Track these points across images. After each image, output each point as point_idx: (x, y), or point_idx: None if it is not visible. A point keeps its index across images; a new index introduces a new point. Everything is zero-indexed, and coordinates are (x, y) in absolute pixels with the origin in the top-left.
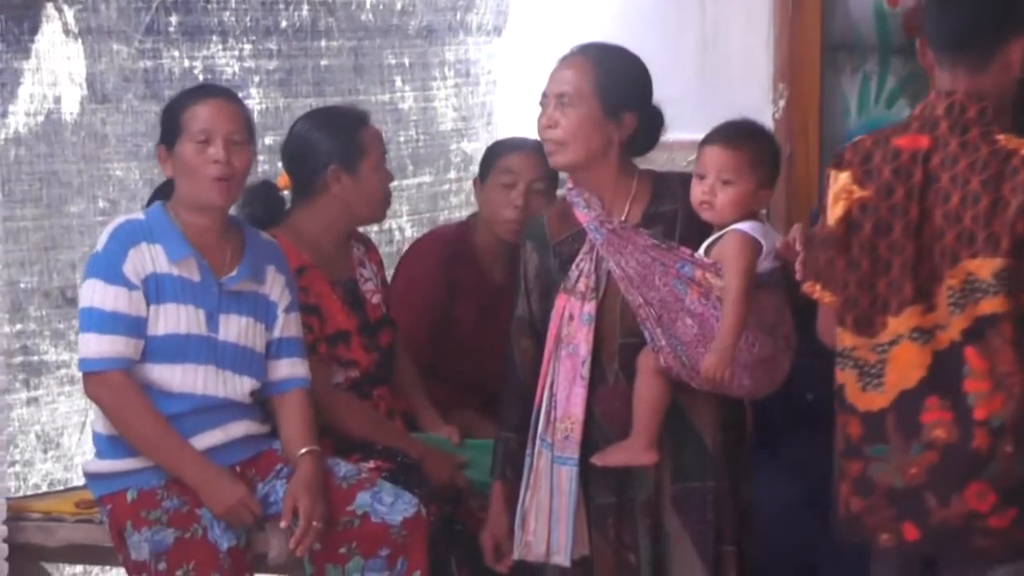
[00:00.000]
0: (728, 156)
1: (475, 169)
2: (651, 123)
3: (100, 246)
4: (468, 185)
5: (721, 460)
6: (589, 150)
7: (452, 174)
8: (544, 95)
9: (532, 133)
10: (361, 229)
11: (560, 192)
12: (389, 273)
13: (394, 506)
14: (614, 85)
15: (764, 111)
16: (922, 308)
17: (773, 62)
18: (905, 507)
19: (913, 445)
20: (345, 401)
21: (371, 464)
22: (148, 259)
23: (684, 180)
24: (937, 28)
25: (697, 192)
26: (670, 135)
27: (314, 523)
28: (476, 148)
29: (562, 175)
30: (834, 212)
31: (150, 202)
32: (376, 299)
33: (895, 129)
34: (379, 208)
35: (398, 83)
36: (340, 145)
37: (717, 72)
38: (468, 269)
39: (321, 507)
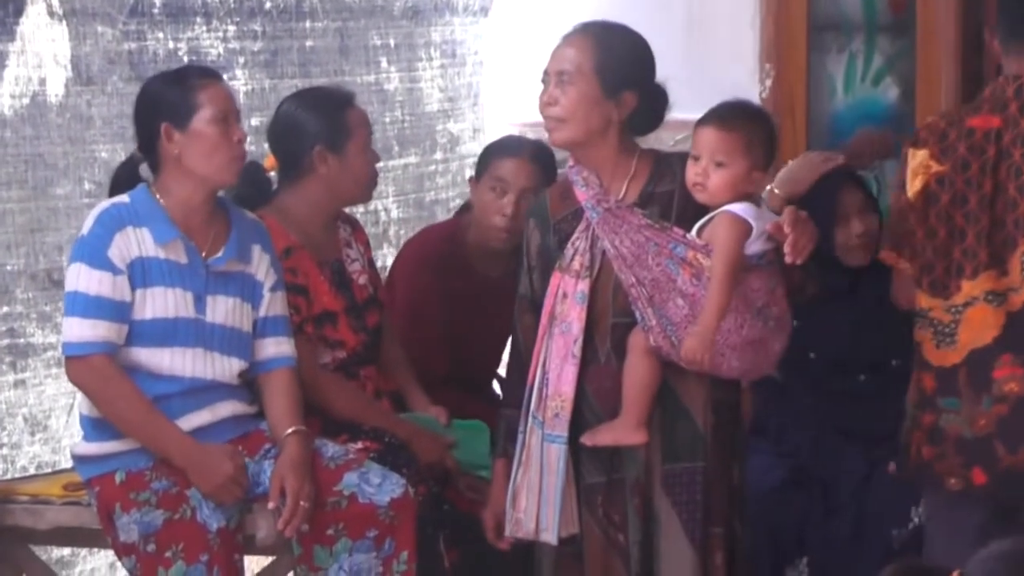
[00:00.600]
0: (722, 138)
1: (461, 150)
2: (653, 103)
3: (85, 230)
4: (455, 166)
5: (712, 441)
6: (588, 128)
7: (438, 155)
8: (545, 72)
9: (517, 114)
10: (347, 210)
11: (561, 171)
12: (376, 254)
13: (381, 487)
14: (614, 64)
15: (751, 91)
16: (996, 273)
17: (760, 42)
18: (974, 455)
19: (984, 399)
20: (332, 381)
21: (359, 445)
22: (134, 243)
23: (684, 160)
24: (1005, 18)
25: (691, 173)
26: None
27: (302, 503)
28: (462, 128)
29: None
30: (913, 186)
31: (112, 187)
32: (363, 280)
33: (967, 111)
34: (365, 188)
35: (384, 64)
36: (326, 126)
37: (704, 52)
38: (462, 272)
39: (308, 487)
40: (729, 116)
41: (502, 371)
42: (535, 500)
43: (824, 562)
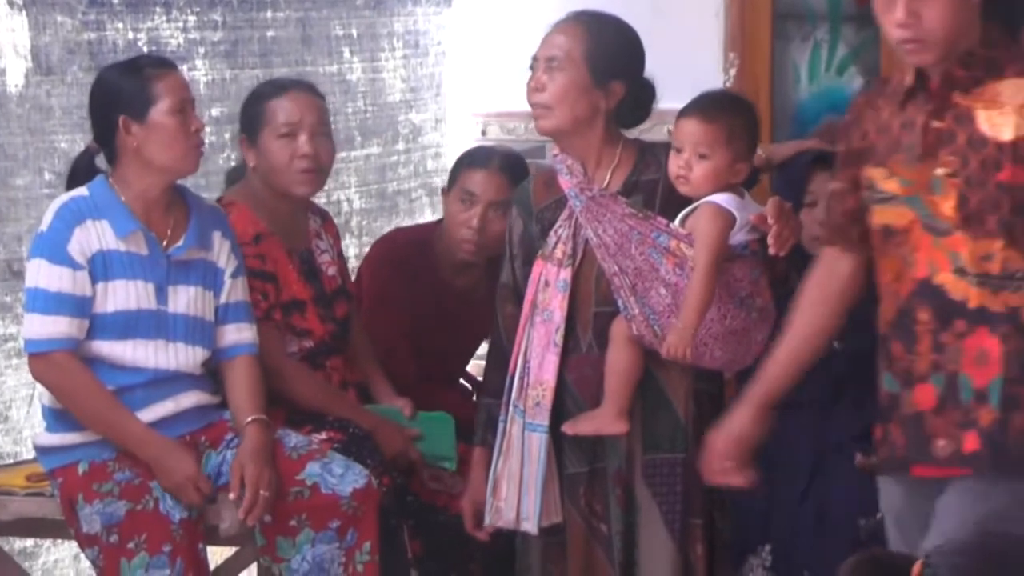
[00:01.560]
0: (704, 129)
1: (423, 140)
2: (640, 95)
3: (45, 225)
4: (416, 156)
5: (693, 432)
6: (574, 116)
7: (400, 145)
8: (534, 58)
9: (479, 105)
10: (315, 200)
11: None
12: (343, 244)
13: (344, 477)
14: (604, 53)
15: (715, 80)
16: None
17: (724, 31)
18: None
19: None
20: (298, 370)
21: (323, 435)
22: (95, 237)
23: (668, 149)
24: None
25: (673, 166)
26: None
27: (262, 492)
28: (424, 119)
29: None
30: None
31: (70, 178)
32: (332, 271)
33: None
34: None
35: (346, 54)
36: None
37: (668, 42)
38: (428, 279)
39: (269, 475)
40: (711, 107)
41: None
42: (516, 489)
43: (787, 550)
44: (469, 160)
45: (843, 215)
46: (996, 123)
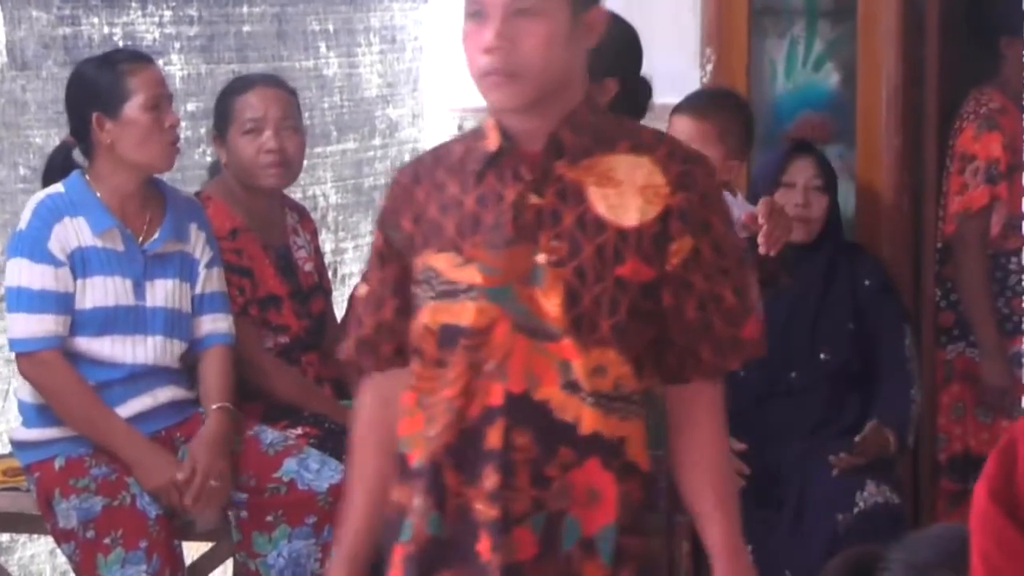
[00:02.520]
0: (695, 126)
1: (400, 135)
2: (635, 93)
3: (23, 224)
4: (393, 151)
5: None
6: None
7: (377, 140)
8: None
9: (456, 100)
10: (290, 194)
11: None
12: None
13: (320, 473)
14: (599, 50)
15: (692, 76)
16: None
17: (700, 27)
18: None
19: None
20: (275, 365)
21: (299, 431)
22: (72, 233)
23: None
24: None
25: None
26: None
27: (211, 481)
28: (401, 114)
29: None
30: None
31: (46, 174)
32: (308, 267)
33: None
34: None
35: (322, 49)
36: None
37: (644, 38)
38: None
39: (221, 466)
40: (703, 105)
41: None
42: None
43: (768, 549)
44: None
45: (375, 327)
46: (614, 204)
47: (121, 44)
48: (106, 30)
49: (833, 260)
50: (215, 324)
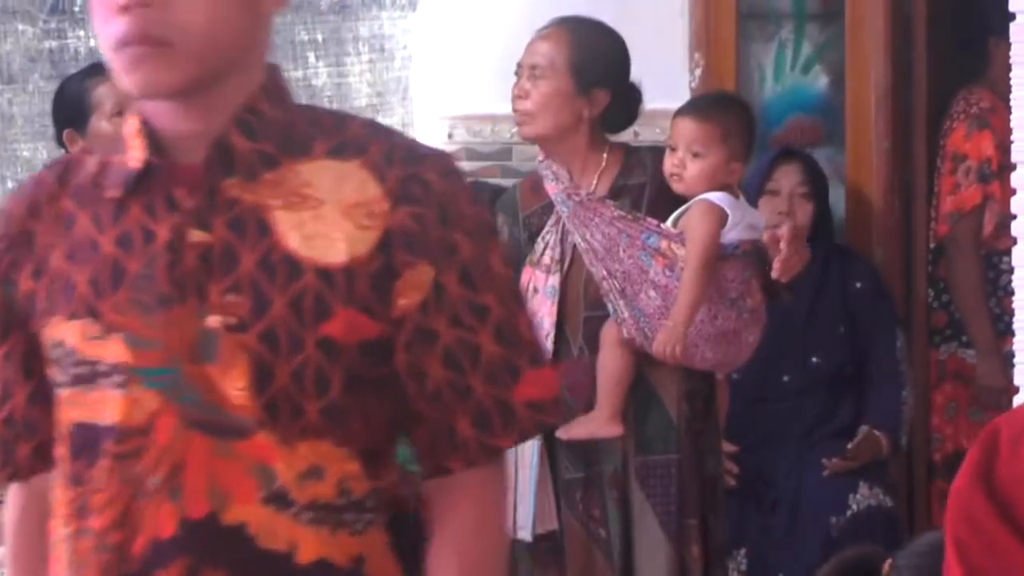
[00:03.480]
0: (698, 128)
1: None
2: (626, 101)
3: None
4: None
5: (685, 432)
6: (558, 123)
7: None
8: (519, 65)
9: (446, 108)
10: None
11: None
12: None
13: None
14: (588, 61)
15: (680, 80)
16: None
17: (688, 31)
18: None
19: None
20: None
21: None
22: None
23: (655, 153)
24: None
25: (668, 164)
26: None
27: None
28: (391, 123)
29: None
30: None
31: None
32: None
33: None
34: None
35: (311, 59)
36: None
37: (632, 43)
38: None
39: None
40: (706, 106)
41: None
42: (511, 498)
43: (762, 552)
44: None
45: (3, 423)
46: (313, 234)
47: None
48: (92, 43)
49: (824, 265)
50: None
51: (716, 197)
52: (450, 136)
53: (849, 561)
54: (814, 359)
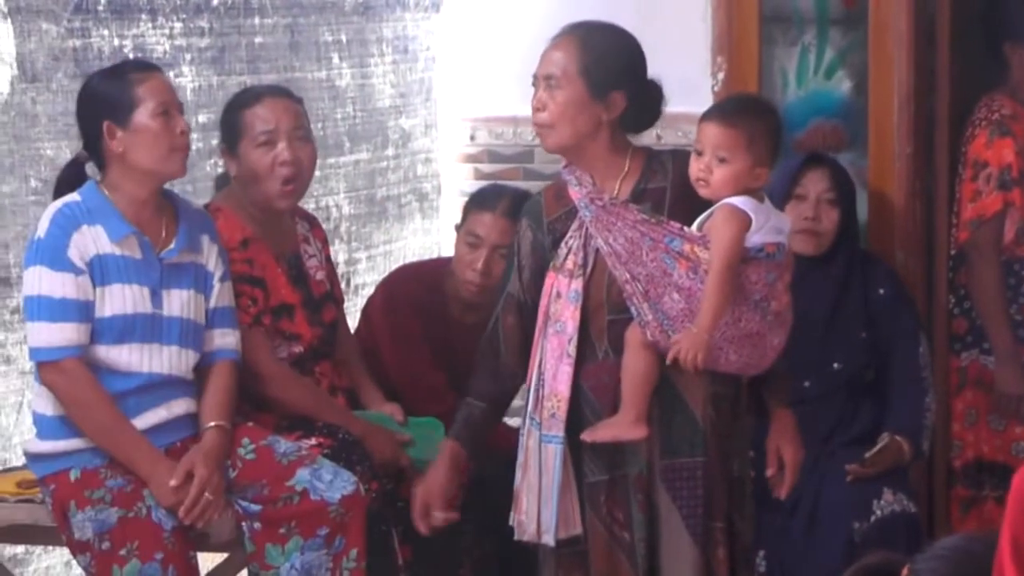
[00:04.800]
0: (724, 133)
1: (413, 145)
2: (645, 100)
3: (42, 232)
4: (406, 162)
5: (711, 434)
6: (576, 132)
7: (390, 151)
8: (535, 76)
9: (469, 110)
10: (303, 205)
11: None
12: (332, 249)
13: (333, 484)
14: (600, 65)
15: (703, 85)
16: None
17: (711, 35)
18: None
19: None
20: (288, 375)
21: (312, 441)
22: (91, 241)
23: (676, 157)
24: None
25: (694, 168)
26: None
27: (207, 494)
28: (414, 124)
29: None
30: None
31: (57, 188)
32: (320, 275)
33: None
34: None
35: (335, 60)
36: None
37: (655, 47)
38: (439, 317)
39: (218, 480)
40: (732, 111)
41: None
42: (535, 502)
43: (781, 555)
44: (478, 201)
45: None
46: None
47: (131, 56)
48: (116, 42)
49: (847, 270)
50: (224, 339)
51: (740, 201)
52: (472, 138)
53: (870, 566)
54: (835, 364)
